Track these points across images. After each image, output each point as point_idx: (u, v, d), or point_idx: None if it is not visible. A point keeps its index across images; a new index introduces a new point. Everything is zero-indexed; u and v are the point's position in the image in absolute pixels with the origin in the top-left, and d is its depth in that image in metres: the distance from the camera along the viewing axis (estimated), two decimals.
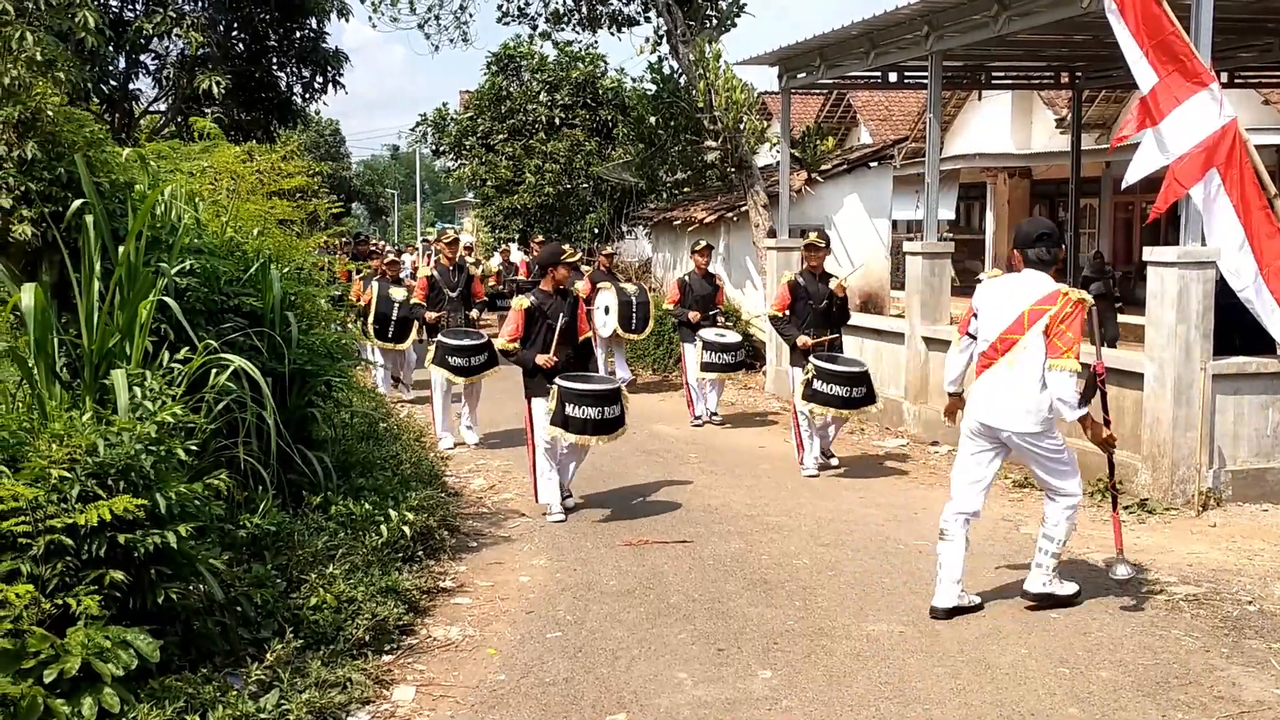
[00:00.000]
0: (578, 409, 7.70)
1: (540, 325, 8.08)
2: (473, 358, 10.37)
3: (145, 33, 15.80)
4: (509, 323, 8.24)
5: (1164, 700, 4.88)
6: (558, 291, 8.24)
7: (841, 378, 9.03)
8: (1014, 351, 5.79)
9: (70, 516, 4.26)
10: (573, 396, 7.70)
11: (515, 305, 8.21)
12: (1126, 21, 7.99)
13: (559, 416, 7.70)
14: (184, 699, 4.26)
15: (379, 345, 13.68)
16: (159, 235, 6.29)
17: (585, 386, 7.83)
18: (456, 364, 10.27)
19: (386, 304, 13.51)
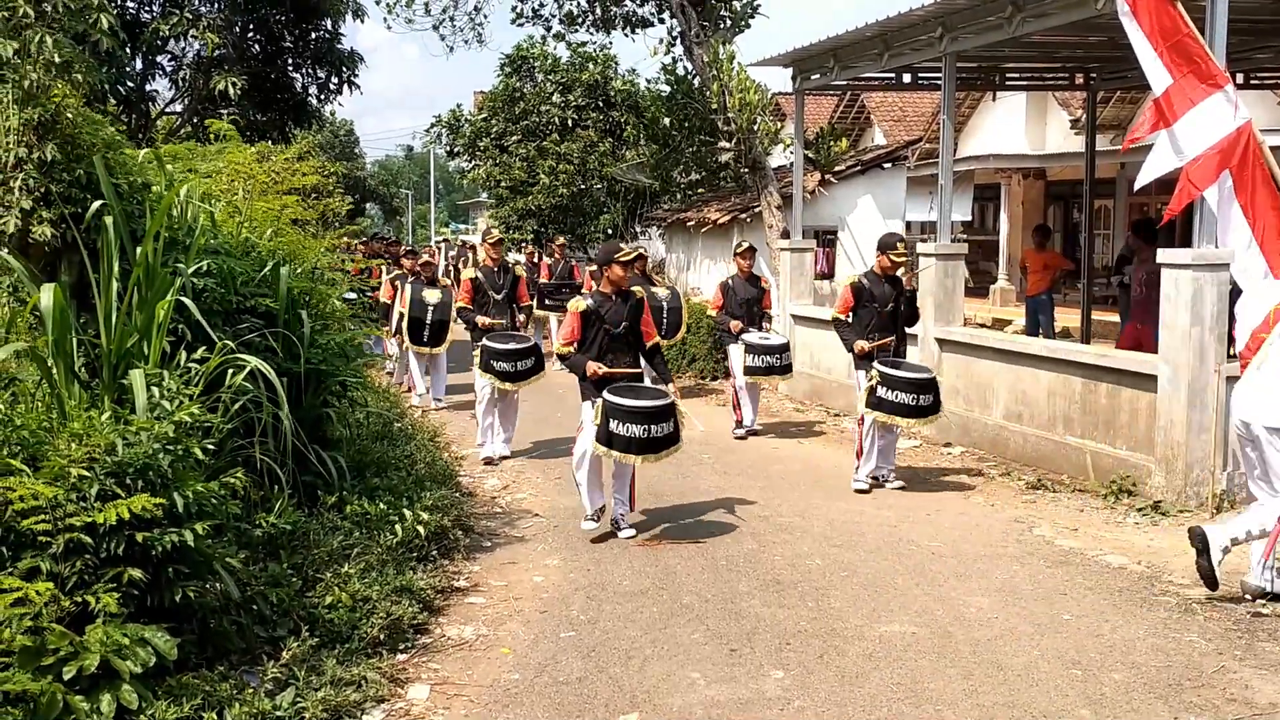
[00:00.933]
0: (623, 425, 7.26)
1: (597, 330, 7.67)
2: (519, 362, 9.88)
3: (161, 34, 15.87)
4: (565, 325, 7.88)
5: (1176, 702, 4.88)
6: (618, 294, 7.78)
7: (908, 384, 8.57)
8: (1263, 349, 6.17)
9: (89, 515, 4.30)
10: (619, 412, 7.28)
11: (572, 307, 7.82)
12: (1140, 23, 7.98)
13: (603, 433, 7.31)
14: (201, 696, 4.29)
15: (414, 349, 13.19)
16: (176, 236, 6.34)
17: (633, 402, 7.33)
18: (503, 369, 9.80)
19: (420, 307, 12.83)
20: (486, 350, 9.82)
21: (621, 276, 7.78)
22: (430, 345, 12.96)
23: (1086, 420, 9.04)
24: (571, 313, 7.77)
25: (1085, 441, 9.03)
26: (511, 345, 9.87)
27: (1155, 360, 8.31)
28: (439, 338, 12.92)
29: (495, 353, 9.78)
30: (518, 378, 9.88)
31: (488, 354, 9.80)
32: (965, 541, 7.42)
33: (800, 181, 14.84)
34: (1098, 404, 8.92)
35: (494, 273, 10.68)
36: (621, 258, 7.74)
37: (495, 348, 9.79)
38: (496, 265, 10.73)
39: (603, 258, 7.91)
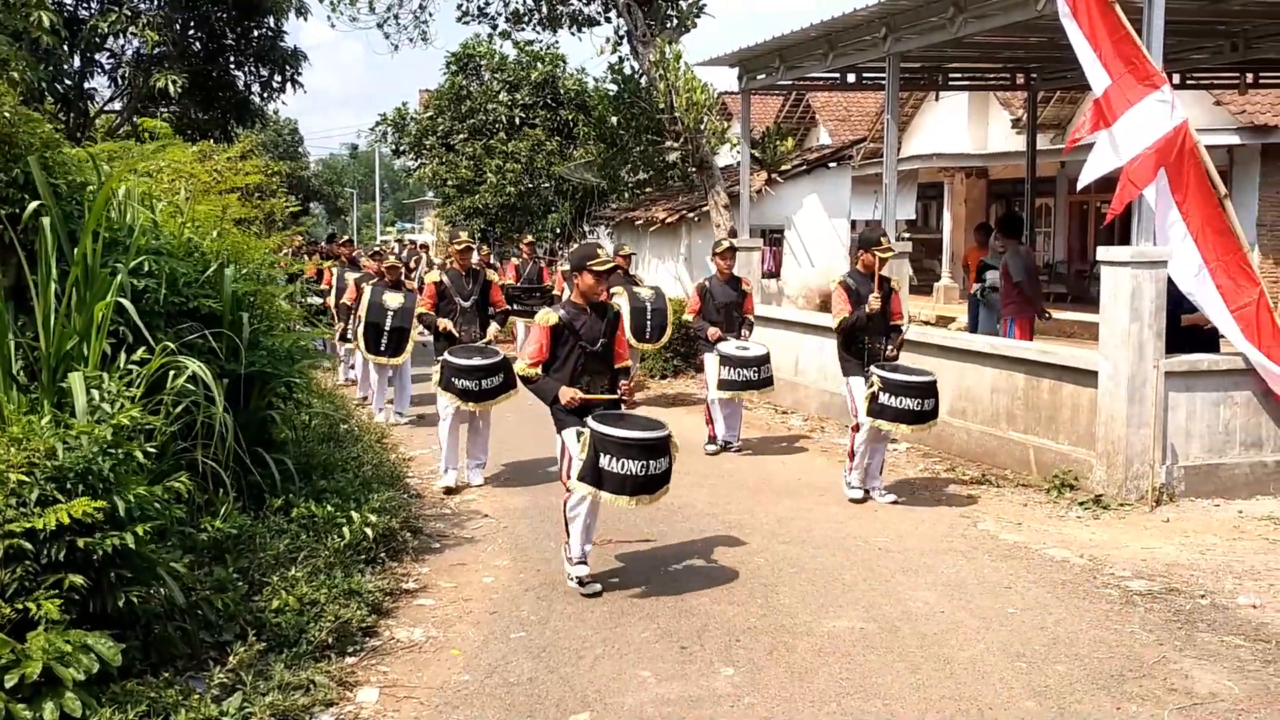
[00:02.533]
0: (616, 461, 6.08)
1: (571, 347, 6.51)
2: (485, 380, 8.76)
3: (100, 31, 15.63)
4: (531, 341, 6.64)
5: (1119, 693, 4.96)
6: (593, 306, 6.62)
7: (911, 389, 8.04)
8: None
9: (29, 520, 4.23)
10: (612, 446, 6.09)
11: (540, 321, 6.61)
12: (1080, 24, 8.12)
13: (590, 471, 6.12)
14: (146, 703, 4.24)
15: (371, 359, 12.05)
16: (116, 237, 6.25)
17: (629, 434, 6.14)
18: (465, 387, 8.69)
19: (379, 311, 11.61)
20: (448, 366, 8.77)
21: (593, 286, 6.56)
22: (389, 354, 11.79)
23: (1029, 416, 9.17)
24: (540, 327, 6.55)
25: (1028, 437, 9.16)
26: (476, 360, 8.79)
27: (1095, 356, 8.44)
28: (398, 346, 11.75)
29: (457, 369, 8.73)
30: (483, 396, 8.80)
31: (449, 370, 8.76)
32: (911, 537, 7.49)
33: (747, 181, 14.91)
34: (1040, 400, 9.05)
35: (461, 277, 9.47)
36: (595, 266, 6.49)
37: (457, 363, 8.74)
38: (465, 269, 9.52)
39: (576, 262, 6.67)
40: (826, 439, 11.15)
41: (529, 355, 6.60)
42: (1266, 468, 8.39)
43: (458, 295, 9.38)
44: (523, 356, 6.65)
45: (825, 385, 11.68)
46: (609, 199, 22.60)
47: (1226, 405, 8.32)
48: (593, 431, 6.15)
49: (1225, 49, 12.48)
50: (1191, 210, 8.19)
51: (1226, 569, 6.72)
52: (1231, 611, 6.00)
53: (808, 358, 12.56)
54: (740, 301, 10.66)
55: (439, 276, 9.47)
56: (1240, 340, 8.26)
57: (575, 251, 6.88)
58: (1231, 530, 7.53)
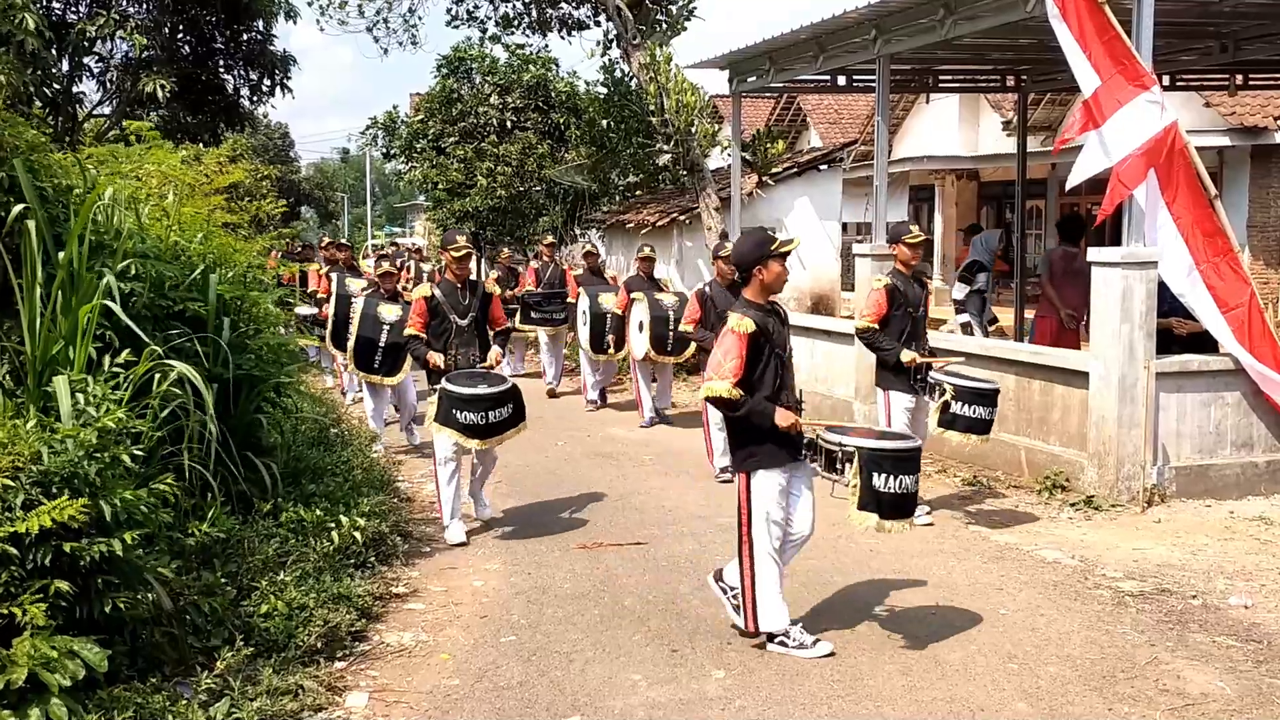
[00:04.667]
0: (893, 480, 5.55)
1: (768, 356, 5.47)
2: (493, 411, 7.29)
3: (88, 35, 15.57)
4: (728, 355, 5.33)
5: (1110, 694, 4.95)
6: (772, 307, 5.64)
7: (985, 397, 7.45)
8: None
9: (14, 525, 4.20)
10: (887, 461, 5.41)
11: (737, 327, 5.37)
12: (1069, 25, 8.12)
13: None
14: (133, 709, 4.22)
15: (365, 379, 10.81)
16: (103, 240, 6.22)
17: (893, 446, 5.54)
18: (469, 421, 7.23)
19: (372, 325, 10.36)
20: (448, 397, 7.27)
21: (780, 275, 5.58)
22: (383, 373, 10.49)
23: (1021, 417, 9.16)
24: (737, 334, 5.36)
25: (1019, 438, 9.15)
26: (481, 389, 7.29)
27: (1086, 357, 8.45)
28: (395, 364, 10.43)
29: (459, 400, 7.22)
30: (490, 432, 7.34)
31: (449, 401, 7.26)
32: (902, 539, 7.45)
33: (738, 183, 14.91)
34: (1031, 401, 9.05)
35: (457, 290, 7.83)
36: (779, 248, 5.52)
37: (459, 393, 7.24)
38: (462, 281, 7.88)
39: (752, 254, 5.54)
40: None
41: (730, 372, 5.31)
42: (1257, 468, 8.40)
43: (453, 312, 7.76)
44: (718, 375, 5.33)
45: (815, 388, 11.66)
46: (600, 202, 22.58)
47: (1217, 406, 8.33)
48: (869, 457, 5.33)
49: (1215, 50, 12.49)
50: (1182, 211, 8.20)
51: (1218, 569, 6.72)
52: (1223, 612, 6.00)
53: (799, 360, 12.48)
54: None
55: (429, 290, 7.82)
56: (1231, 341, 8.26)
57: (746, 244, 5.67)
58: (1223, 531, 7.54)
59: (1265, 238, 17.59)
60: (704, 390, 5.42)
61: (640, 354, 11.55)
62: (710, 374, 5.39)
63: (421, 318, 7.77)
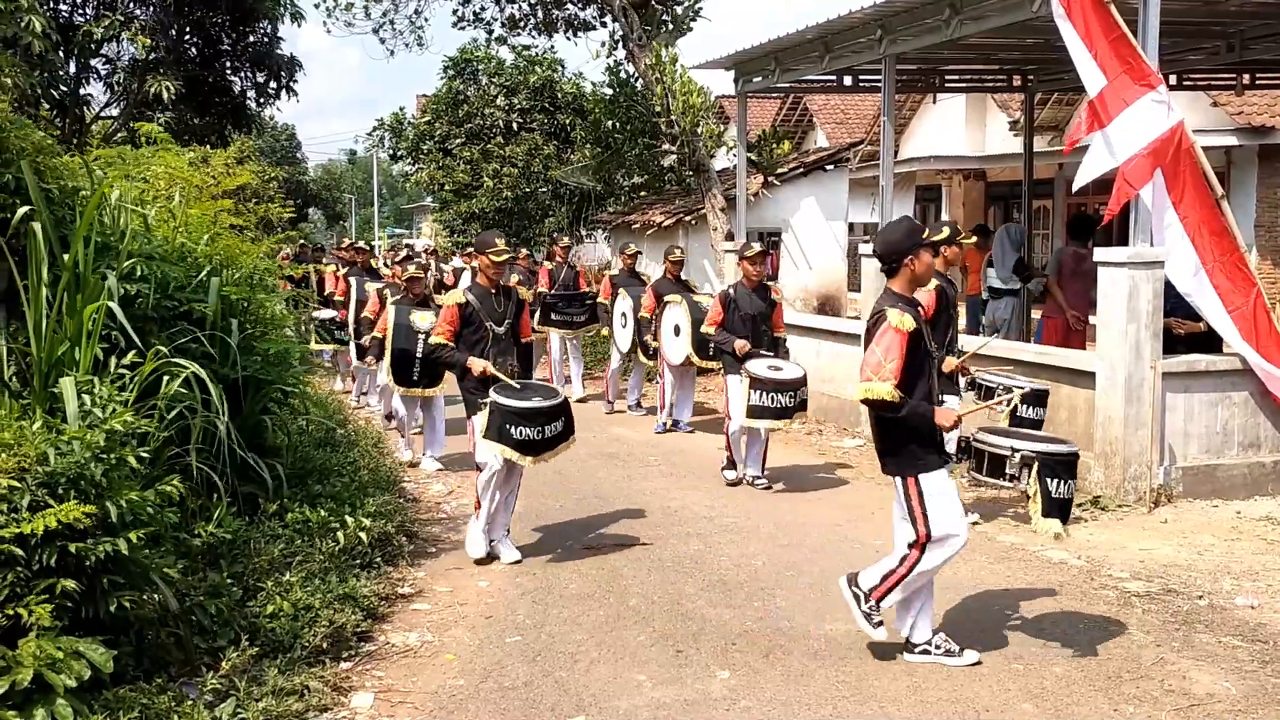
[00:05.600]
0: None
1: (925, 358, 5.27)
2: (548, 426, 6.84)
3: (95, 37, 15.63)
4: (889, 355, 5.07)
5: (1116, 694, 4.94)
6: (914, 301, 5.35)
7: (1042, 398, 7.55)
8: None
9: (20, 526, 4.21)
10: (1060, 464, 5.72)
11: (900, 324, 5.12)
12: (1075, 25, 8.10)
13: None
14: (138, 709, 4.22)
15: (400, 391, 10.11)
16: (109, 241, 6.23)
17: None
18: (525, 437, 6.74)
19: (407, 334, 9.81)
20: (500, 411, 6.76)
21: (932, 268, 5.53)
22: (423, 384, 9.95)
23: None
24: (898, 332, 5.08)
25: None
26: (537, 402, 6.84)
27: (1093, 357, 8.43)
28: (435, 373, 9.86)
29: (514, 414, 6.75)
30: (544, 448, 6.88)
31: (502, 416, 6.75)
32: None
33: (744, 184, 14.90)
34: None
35: (491, 296, 7.32)
36: (930, 237, 5.42)
37: (513, 406, 6.75)
38: (496, 288, 7.37)
39: (906, 245, 5.25)
40: (824, 441, 11.13)
41: (891, 373, 5.06)
42: (1264, 468, 8.38)
43: (489, 319, 7.25)
44: (879, 377, 5.07)
45: (822, 389, 11.65)
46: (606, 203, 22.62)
47: (1224, 406, 8.31)
48: (1046, 462, 5.27)
49: (1222, 50, 12.46)
50: (1189, 211, 8.18)
51: (1224, 570, 6.70)
52: (1229, 612, 5.98)
53: (805, 360, 12.50)
54: (769, 313, 9.16)
55: (463, 297, 7.32)
56: (1238, 341, 8.24)
57: (895, 231, 5.43)
58: (1229, 531, 7.52)
59: (1273, 237, 17.53)
60: (862, 392, 5.13)
61: (679, 359, 11.03)
62: (869, 375, 5.10)
63: (451, 326, 7.23)
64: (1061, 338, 10.67)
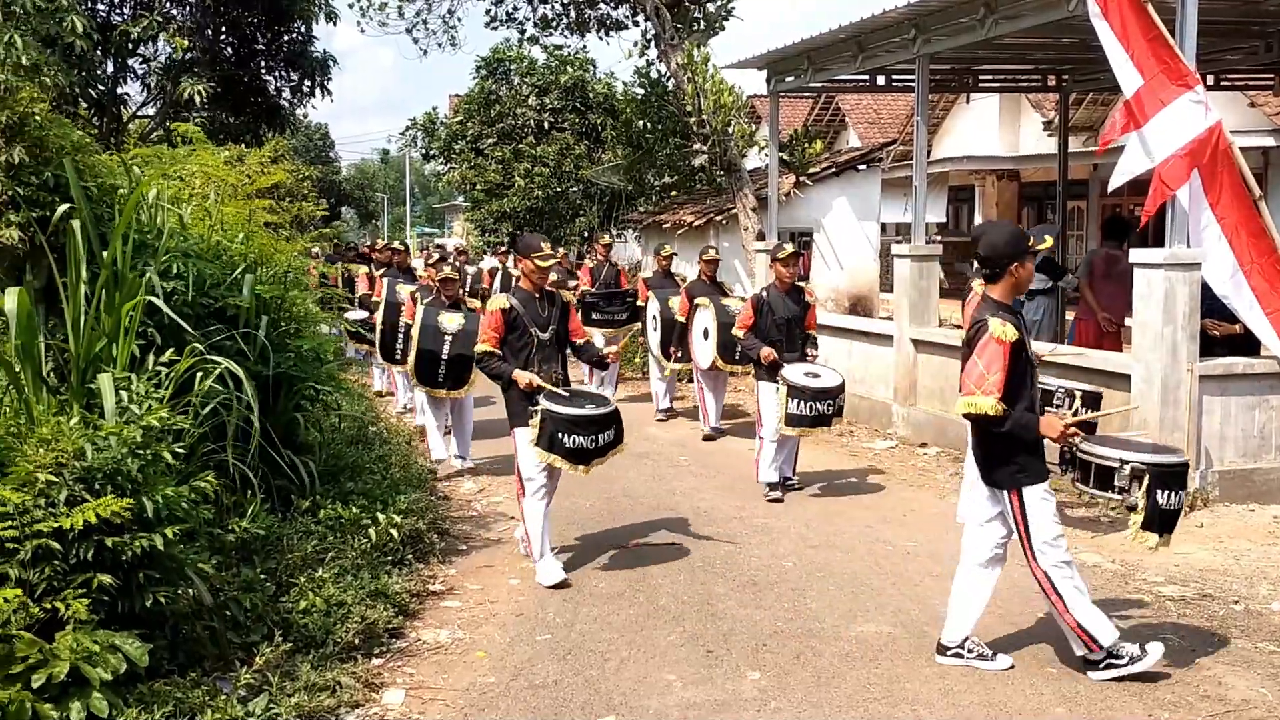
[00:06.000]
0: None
1: (1025, 364, 5.13)
2: (601, 434, 6.67)
3: (132, 37, 15.78)
4: (992, 366, 4.93)
5: (1150, 699, 4.90)
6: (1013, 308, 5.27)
7: (1096, 400, 7.49)
8: None
9: (57, 521, 4.26)
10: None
11: (1000, 334, 4.98)
12: (1111, 24, 8.03)
13: None
14: (173, 703, 4.26)
15: (428, 392, 9.94)
16: (145, 239, 6.29)
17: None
18: (577, 445, 6.57)
19: (433, 336, 9.54)
20: (552, 419, 6.56)
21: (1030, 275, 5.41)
22: (448, 386, 9.69)
23: None
24: (1000, 342, 4.92)
25: None
26: (589, 410, 6.67)
27: (1129, 360, 8.35)
28: (460, 376, 9.60)
29: (567, 422, 6.56)
30: (594, 455, 6.71)
31: (554, 424, 6.55)
32: (941, 541, 7.43)
33: (775, 183, 14.87)
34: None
35: (535, 300, 7.06)
36: (1034, 245, 5.22)
37: (566, 414, 6.57)
38: (538, 290, 7.13)
39: (1013, 250, 5.12)
40: (855, 442, 11.09)
41: (994, 386, 4.93)
42: None
43: (534, 325, 6.98)
44: (982, 391, 4.95)
45: (854, 389, 11.60)
46: (636, 203, 22.62)
47: (1262, 409, 8.21)
48: (1158, 474, 5.16)
49: (1260, 50, 12.32)
50: (1226, 212, 8.08)
51: (1260, 574, 6.63)
52: (1265, 618, 5.92)
53: (837, 361, 12.48)
54: (803, 316, 8.83)
55: (507, 302, 7.01)
56: (1275, 343, 8.14)
57: (995, 234, 5.26)
58: (1266, 536, 7.43)
59: None
60: (964, 407, 5.01)
61: (706, 363, 10.93)
62: (971, 388, 4.98)
63: (497, 332, 6.94)
64: (1094, 340, 10.57)
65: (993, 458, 5.17)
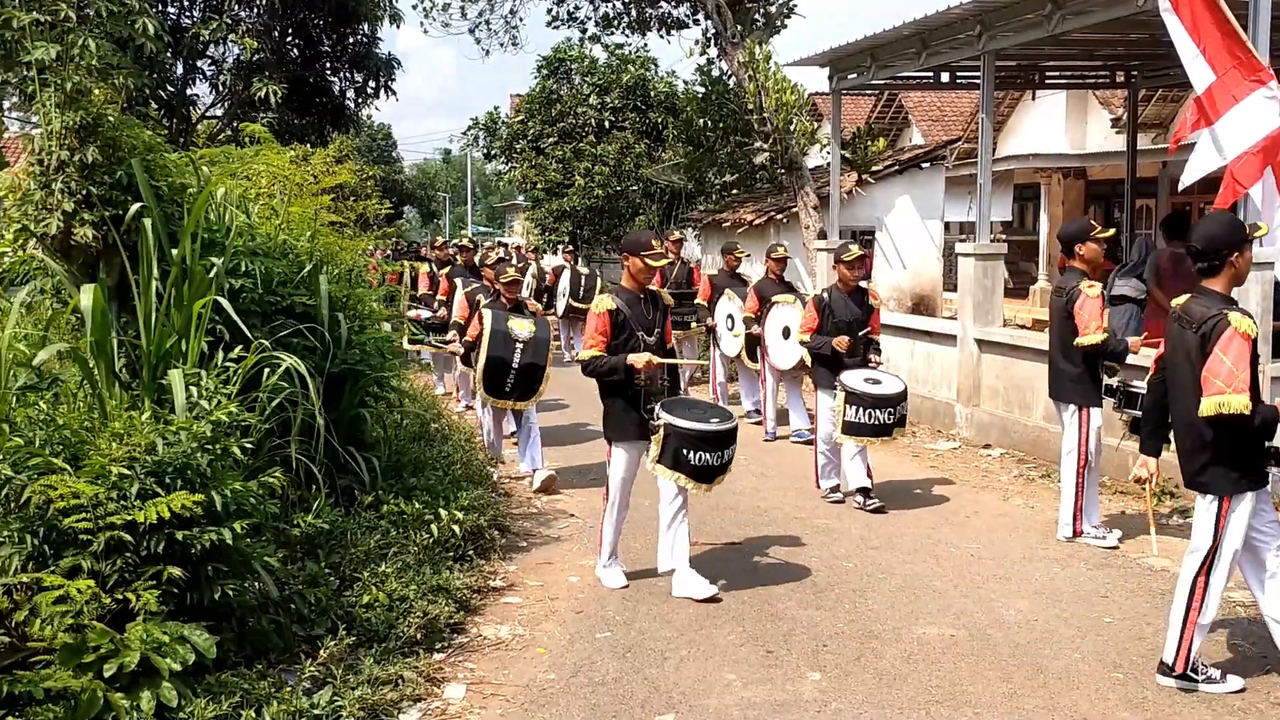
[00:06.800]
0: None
1: (1254, 356, 4.87)
2: (727, 449, 6.28)
3: (202, 39, 16.06)
4: (1243, 364, 4.72)
5: (1219, 705, 4.81)
6: None
7: None
8: None
9: (129, 514, 4.35)
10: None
11: (1247, 329, 4.78)
12: (1182, 19, 7.88)
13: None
14: (239, 694, 4.33)
15: (493, 402, 9.15)
16: (214, 238, 6.40)
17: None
18: (703, 463, 6.17)
19: (503, 343, 8.80)
20: (677, 434, 6.15)
21: None
22: (515, 397, 8.99)
23: None
24: (1249, 337, 4.74)
25: (1126, 443, 8.89)
26: (714, 424, 6.23)
27: None
28: (529, 387, 8.95)
29: (693, 437, 6.14)
30: (719, 473, 6.35)
31: (679, 439, 6.14)
32: (1004, 544, 7.35)
33: (837, 182, 14.78)
34: None
35: (640, 301, 6.56)
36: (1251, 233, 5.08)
37: (693, 429, 6.15)
38: (642, 290, 6.62)
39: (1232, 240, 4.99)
40: (918, 443, 10.98)
41: (1244, 383, 4.73)
42: None
43: (640, 328, 6.48)
44: (1234, 389, 4.72)
45: (916, 389, 11.50)
46: (696, 201, 22.59)
47: None
48: None
49: None
50: None
51: None
52: None
53: (899, 361, 12.39)
54: (866, 319, 8.50)
55: (613, 303, 6.48)
56: None
57: (1211, 225, 5.12)
58: None
59: None
60: (1215, 407, 4.75)
61: (789, 364, 10.51)
62: (1221, 386, 4.73)
63: (604, 336, 6.40)
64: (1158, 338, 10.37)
65: (1215, 461, 4.94)
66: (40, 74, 5.71)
